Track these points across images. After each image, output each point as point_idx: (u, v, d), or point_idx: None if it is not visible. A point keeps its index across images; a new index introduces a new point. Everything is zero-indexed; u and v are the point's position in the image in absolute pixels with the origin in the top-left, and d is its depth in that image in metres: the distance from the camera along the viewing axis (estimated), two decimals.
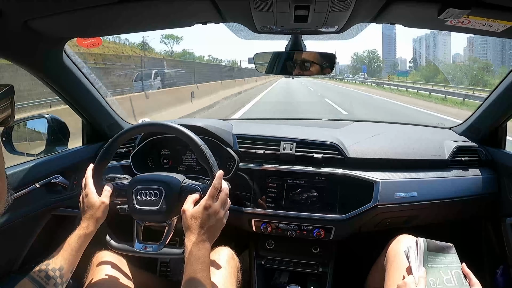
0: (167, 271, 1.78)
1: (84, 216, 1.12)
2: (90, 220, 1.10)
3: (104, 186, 1.17)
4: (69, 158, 1.50)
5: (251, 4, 0.92)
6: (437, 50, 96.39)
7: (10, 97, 0.64)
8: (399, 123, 2.08)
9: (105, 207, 1.13)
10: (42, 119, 1.52)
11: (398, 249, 1.15)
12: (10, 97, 0.64)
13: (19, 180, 1.25)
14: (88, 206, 1.12)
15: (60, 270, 1.02)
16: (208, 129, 1.48)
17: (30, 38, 1.09)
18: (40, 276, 0.99)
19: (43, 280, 0.99)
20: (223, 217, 1.10)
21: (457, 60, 75.69)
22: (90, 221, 1.10)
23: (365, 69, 70.69)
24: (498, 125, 1.54)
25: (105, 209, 1.13)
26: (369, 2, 0.93)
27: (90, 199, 1.13)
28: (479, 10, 0.91)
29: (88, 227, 1.09)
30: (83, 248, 1.09)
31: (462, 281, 1.02)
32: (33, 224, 1.34)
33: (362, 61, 78.98)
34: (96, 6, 0.94)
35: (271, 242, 1.55)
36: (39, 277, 0.99)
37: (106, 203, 1.14)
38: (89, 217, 1.11)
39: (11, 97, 0.64)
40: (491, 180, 1.49)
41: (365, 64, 76.61)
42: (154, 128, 1.40)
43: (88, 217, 1.11)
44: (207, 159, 1.16)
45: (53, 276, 1.00)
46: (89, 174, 1.18)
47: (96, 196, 1.13)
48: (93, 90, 1.49)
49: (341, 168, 1.43)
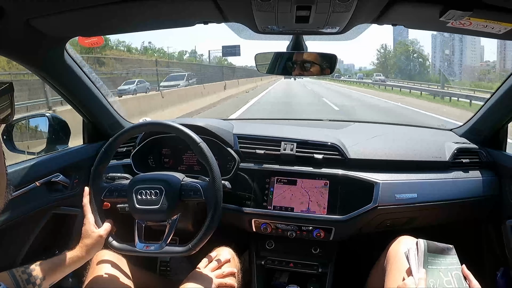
0: (167, 270, 1.78)
1: (80, 241, 1.13)
2: (84, 248, 1.12)
3: (105, 223, 1.17)
4: (70, 156, 1.50)
5: (253, 4, 0.92)
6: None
7: (9, 94, 0.64)
8: (400, 124, 2.08)
9: (101, 240, 1.14)
10: (43, 118, 1.52)
11: (398, 250, 1.15)
12: (9, 94, 0.64)
13: (19, 178, 1.25)
14: (84, 235, 1.14)
15: (41, 280, 1.03)
16: (209, 128, 1.48)
17: (32, 37, 1.09)
18: (22, 277, 1.01)
19: (22, 283, 1.00)
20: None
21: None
22: (83, 249, 1.12)
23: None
24: (499, 127, 1.54)
25: (101, 242, 1.15)
26: (371, 3, 0.93)
27: (87, 229, 1.15)
28: (480, 12, 0.91)
29: (81, 253, 1.11)
30: (69, 270, 1.11)
31: (462, 283, 1.02)
32: (33, 222, 1.34)
33: (398, 56, 62.01)
34: (98, 5, 0.94)
35: (271, 242, 1.55)
36: (20, 278, 1.00)
37: (103, 238, 1.15)
38: (84, 245, 1.12)
39: (10, 95, 0.65)
40: (492, 182, 1.48)
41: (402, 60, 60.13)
42: (154, 128, 1.40)
43: (83, 245, 1.13)
44: (206, 157, 1.16)
45: (32, 282, 1.01)
46: (86, 202, 1.19)
47: (93, 227, 1.15)
48: (94, 89, 1.49)
49: (341, 169, 1.43)
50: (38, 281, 1.02)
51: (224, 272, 1.21)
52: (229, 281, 1.20)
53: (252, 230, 1.47)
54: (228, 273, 1.21)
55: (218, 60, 47.42)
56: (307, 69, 1.23)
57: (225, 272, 1.21)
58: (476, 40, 57.45)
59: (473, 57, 68.92)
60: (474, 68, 55.74)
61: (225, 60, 49.82)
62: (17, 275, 1.00)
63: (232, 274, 1.23)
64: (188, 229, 1.34)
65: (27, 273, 1.02)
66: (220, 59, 48.79)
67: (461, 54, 64.27)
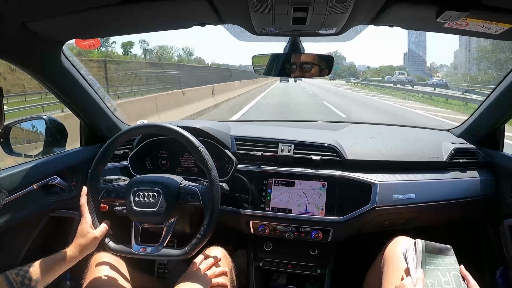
0: (165, 273, 1.78)
1: (74, 240, 1.13)
2: (78, 248, 1.12)
3: (101, 224, 1.17)
4: (67, 159, 1.50)
5: (250, 6, 0.92)
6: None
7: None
8: (397, 125, 2.08)
9: (95, 241, 1.14)
10: (40, 120, 1.51)
11: (395, 251, 1.15)
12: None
13: (16, 181, 1.24)
14: (79, 234, 1.14)
15: (36, 282, 1.03)
16: (206, 130, 1.48)
17: (28, 40, 1.09)
18: (16, 280, 1.01)
19: (16, 284, 1.00)
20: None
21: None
22: (77, 248, 1.12)
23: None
24: (496, 127, 1.55)
25: (95, 243, 1.14)
26: (368, 4, 0.94)
27: (83, 228, 1.14)
28: (477, 12, 0.91)
29: (74, 252, 1.11)
30: (63, 269, 1.11)
31: (461, 283, 1.02)
32: (31, 225, 1.34)
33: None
34: (94, 8, 0.94)
35: (269, 244, 1.55)
36: (14, 280, 1.01)
37: (98, 239, 1.15)
38: (78, 245, 1.12)
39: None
40: (489, 182, 1.49)
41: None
42: (152, 130, 1.40)
43: (77, 244, 1.12)
44: (204, 161, 1.16)
45: (26, 284, 1.01)
46: (83, 202, 1.19)
47: (89, 227, 1.15)
48: (91, 92, 1.49)
49: (339, 170, 1.43)
50: (33, 282, 1.02)
51: (215, 272, 1.21)
52: (221, 281, 1.20)
53: (250, 232, 1.47)
54: (220, 272, 1.22)
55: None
56: (305, 70, 1.23)
57: (217, 272, 1.21)
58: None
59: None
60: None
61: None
62: (11, 277, 1.01)
63: (224, 274, 1.23)
64: (185, 232, 1.34)
65: (21, 275, 1.02)
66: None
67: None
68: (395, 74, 40.53)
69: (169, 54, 38.05)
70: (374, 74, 57.96)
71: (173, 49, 37.61)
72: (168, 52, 38.44)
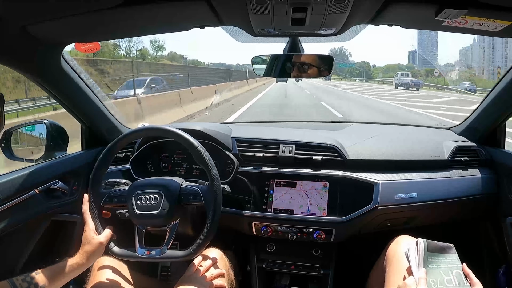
0: (168, 275, 1.77)
1: (81, 248, 1.13)
2: (84, 255, 1.12)
3: (105, 229, 1.17)
4: (69, 163, 1.50)
5: (249, 8, 0.92)
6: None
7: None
8: (398, 124, 2.08)
9: (101, 247, 1.14)
10: (41, 125, 1.52)
11: (397, 250, 1.15)
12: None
13: (18, 186, 1.24)
14: (85, 241, 1.14)
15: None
16: (207, 132, 1.48)
17: (28, 43, 1.09)
18: (22, 286, 1.01)
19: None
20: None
21: None
22: (84, 256, 1.12)
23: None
24: (497, 125, 1.54)
25: (101, 248, 1.15)
26: (367, 3, 0.94)
27: (87, 235, 1.15)
28: (476, 10, 0.91)
29: (81, 260, 1.11)
30: (70, 277, 1.11)
31: (463, 282, 1.02)
32: (32, 229, 1.34)
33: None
34: (93, 11, 0.94)
35: (272, 245, 1.55)
36: (20, 286, 1.01)
37: (104, 244, 1.15)
38: (84, 252, 1.13)
39: (0, 106, 0.65)
40: (490, 180, 1.49)
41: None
42: (152, 132, 1.40)
43: (83, 251, 1.13)
44: (204, 160, 1.16)
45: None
46: (85, 208, 1.19)
47: (93, 234, 1.15)
48: (91, 95, 1.49)
49: (340, 170, 1.43)
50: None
51: (213, 274, 1.21)
52: (219, 282, 1.20)
53: (253, 233, 1.47)
54: (217, 274, 1.21)
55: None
56: (304, 70, 1.23)
57: (214, 273, 1.21)
58: None
59: None
60: None
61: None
62: (17, 283, 1.00)
63: (221, 275, 1.23)
64: (188, 233, 1.34)
65: (27, 281, 1.02)
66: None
67: None
68: (397, 75, 30.48)
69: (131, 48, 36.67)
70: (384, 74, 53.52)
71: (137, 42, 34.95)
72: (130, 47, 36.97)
